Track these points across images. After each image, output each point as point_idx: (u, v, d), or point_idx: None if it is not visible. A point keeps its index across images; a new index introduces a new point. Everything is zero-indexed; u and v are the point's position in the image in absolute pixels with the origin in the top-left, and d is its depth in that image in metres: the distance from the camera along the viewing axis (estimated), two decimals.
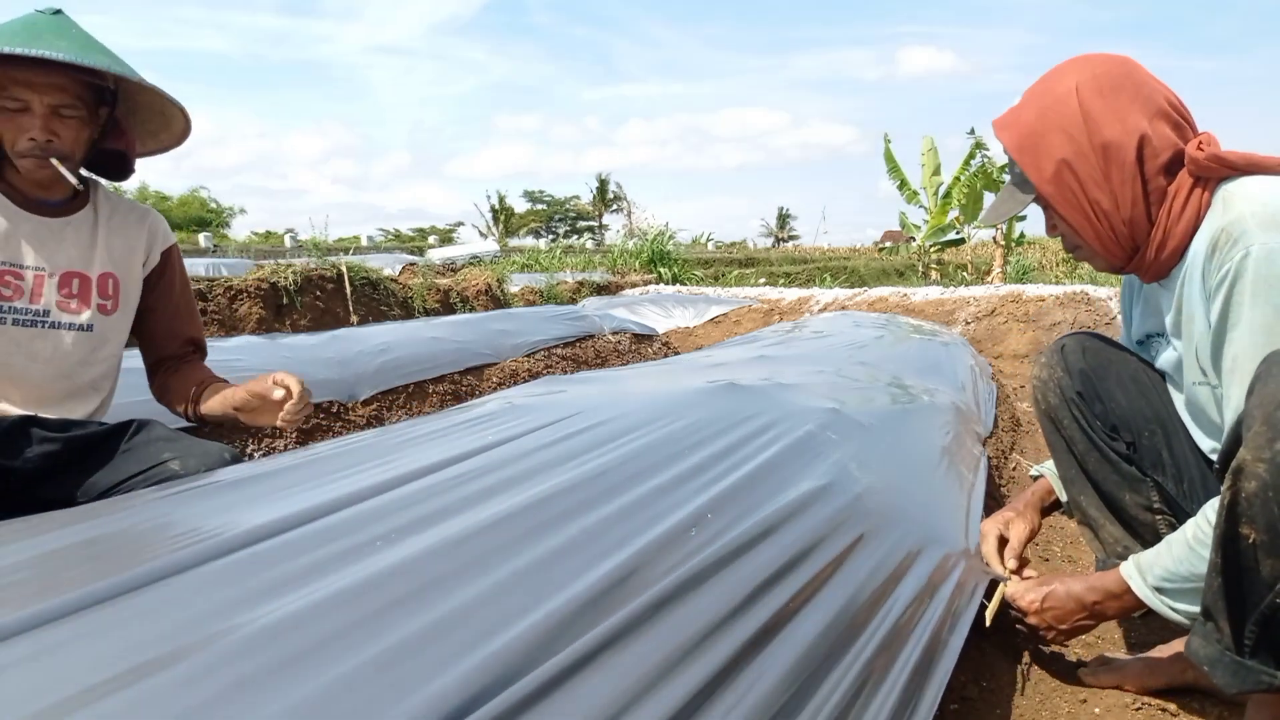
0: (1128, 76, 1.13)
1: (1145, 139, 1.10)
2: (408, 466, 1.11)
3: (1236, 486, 0.87)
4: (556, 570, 0.84)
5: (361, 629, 0.69)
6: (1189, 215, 1.10)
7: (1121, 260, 1.19)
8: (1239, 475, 0.87)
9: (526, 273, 8.48)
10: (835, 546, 1.08)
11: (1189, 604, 1.05)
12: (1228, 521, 0.89)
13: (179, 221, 33.27)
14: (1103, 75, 1.13)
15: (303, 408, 1.46)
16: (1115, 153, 1.11)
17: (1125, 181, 1.12)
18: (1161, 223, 1.12)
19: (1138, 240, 1.15)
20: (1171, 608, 1.07)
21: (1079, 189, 1.15)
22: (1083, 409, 1.32)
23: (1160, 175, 1.11)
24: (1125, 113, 1.11)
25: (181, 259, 1.71)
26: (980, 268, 14.82)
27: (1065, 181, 1.15)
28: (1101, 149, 1.11)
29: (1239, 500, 0.87)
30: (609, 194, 45.88)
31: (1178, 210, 1.10)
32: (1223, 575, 0.91)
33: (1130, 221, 1.14)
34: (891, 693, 0.89)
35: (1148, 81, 1.14)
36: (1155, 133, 1.10)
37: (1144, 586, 1.10)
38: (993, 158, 12.63)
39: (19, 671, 0.62)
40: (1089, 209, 1.15)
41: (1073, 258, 1.28)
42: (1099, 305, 4.86)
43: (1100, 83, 1.13)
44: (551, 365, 4.05)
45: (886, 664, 0.94)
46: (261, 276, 4.51)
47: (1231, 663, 0.93)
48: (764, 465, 1.24)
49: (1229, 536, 0.89)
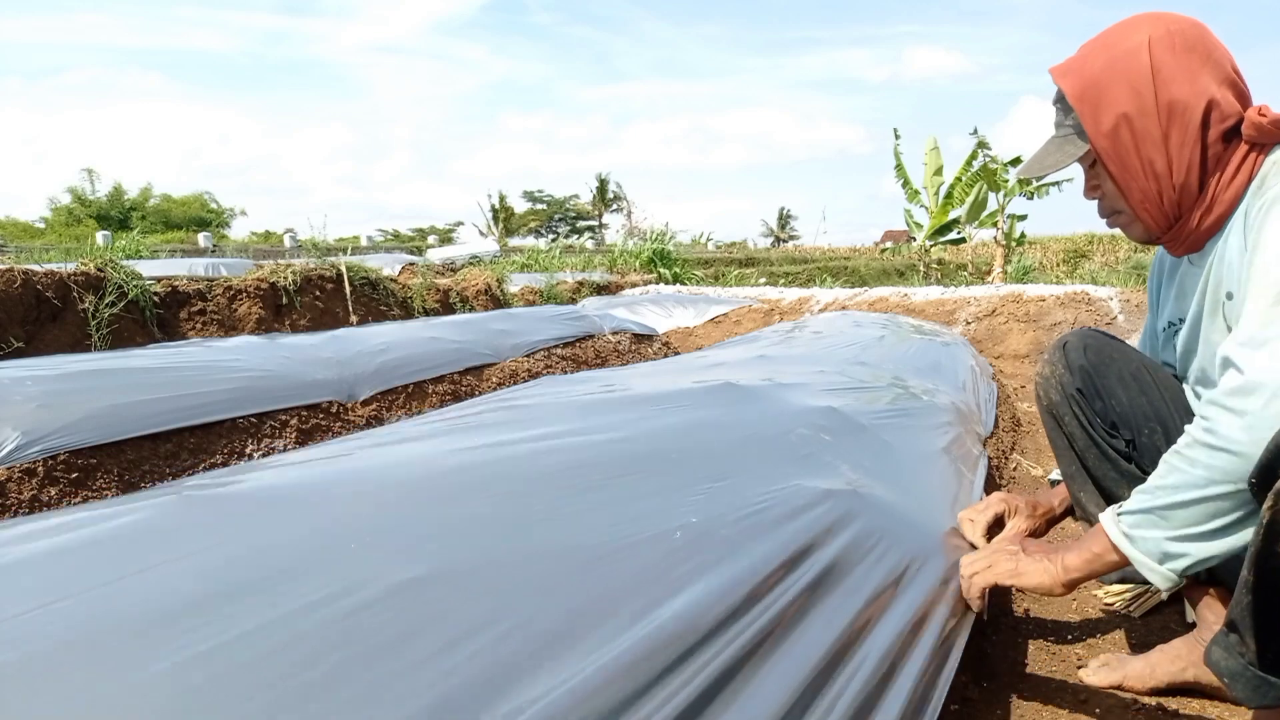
0: (1201, 39, 1.11)
1: (1214, 103, 1.08)
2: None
3: (1277, 507, 0.85)
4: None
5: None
6: (1239, 182, 1.09)
7: (1161, 228, 1.17)
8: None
9: (526, 273, 8.47)
10: (832, 548, 1.07)
11: (1144, 529, 0.98)
12: (1265, 540, 0.87)
13: (180, 221, 33.28)
14: (1177, 33, 1.11)
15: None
16: (1180, 114, 1.10)
17: (1185, 144, 1.10)
18: (1210, 189, 1.11)
19: (1184, 207, 1.14)
20: (1126, 534, 0.99)
21: (1134, 147, 1.13)
22: (1083, 406, 1.32)
23: (1220, 142, 1.10)
24: (1197, 74, 1.09)
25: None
26: (981, 268, 14.82)
27: (1122, 137, 1.13)
28: (1167, 108, 1.10)
29: (1278, 520, 0.85)
30: (609, 194, 45.88)
31: (1228, 178, 1.09)
32: (1254, 592, 0.90)
33: (1182, 187, 1.12)
34: (897, 700, 0.89)
35: (1218, 46, 1.12)
36: (1223, 98, 1.09)
37: (1110, 513, 1.04)
38: (995, 156, 12.61)
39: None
40: (1141, 169, 1.14)
41: (1108, 224, 1.25)
42: (1099, 305, 4.86)
43: (1174, 40, 1.10)
44: (551, 365, 4.05)
45: (890, 669, 0.93)
46: (261, 276, 4.50)
47: (1255, 677, 0.92)
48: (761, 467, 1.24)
49: (1265, 554, 0.87)
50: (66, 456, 2.04)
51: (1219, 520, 0.92)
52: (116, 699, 0.62)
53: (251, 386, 2.61)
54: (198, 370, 2.56)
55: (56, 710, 0.61)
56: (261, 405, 2.58)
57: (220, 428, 2.44)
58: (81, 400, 2.18)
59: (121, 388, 2.31)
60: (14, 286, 3.33)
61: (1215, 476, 0.91)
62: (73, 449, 2.05)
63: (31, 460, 1.97)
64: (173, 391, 2.39)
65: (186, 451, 2.32)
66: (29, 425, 2.01)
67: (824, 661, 0.87)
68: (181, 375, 2.49)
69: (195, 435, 2.37)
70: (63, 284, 3.53)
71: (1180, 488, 0.94)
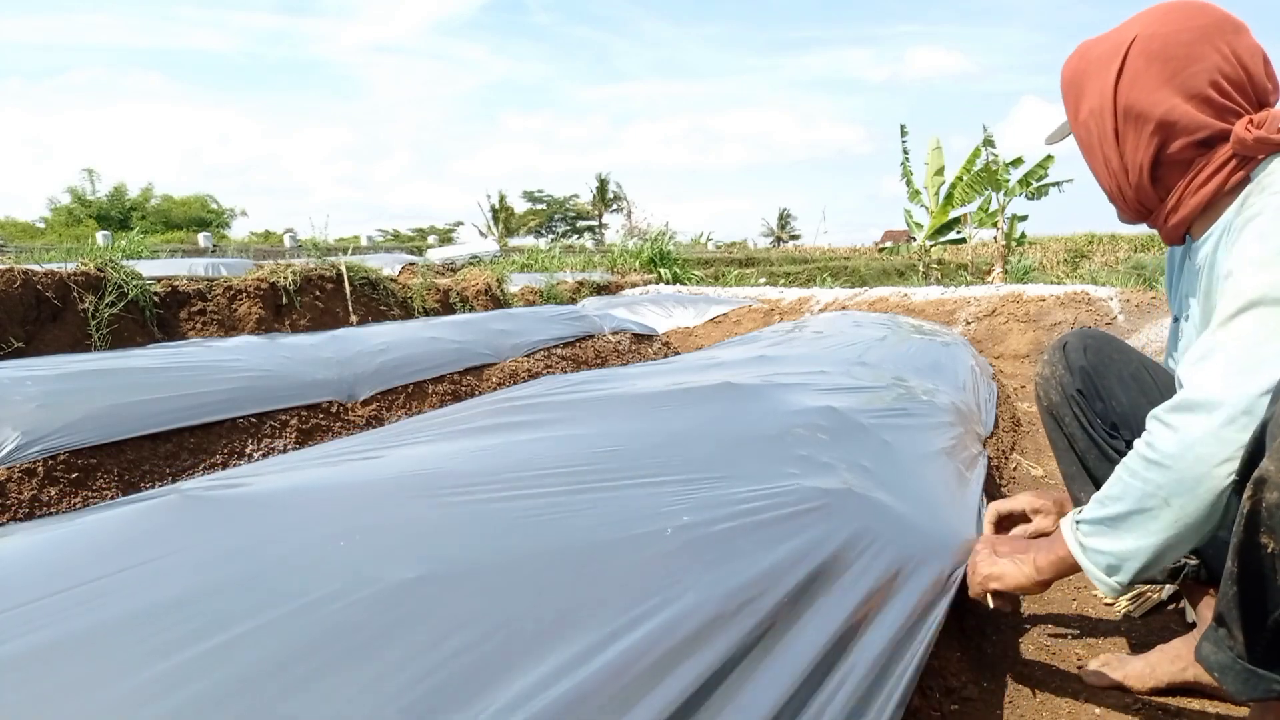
0: (1186, 46, 1.09)
1: (1169, 118, 1.08)
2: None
3: (1258, 497, 0.85)
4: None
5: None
6: (1209, 188, 1.09)
7: (1134, 217, 1.21)
8: (1261, 486, 0.86)
9: (526, 273, 8.47)
10: (827, 548, 1.07)
11: (1095, 538, 1.01)
12: (1246, 530, 0.88)
13: (180, 221, 33.28)
14: (1160, 37, 1.10)
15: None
16: (1134, 120, 1.11)
17: (1138, 149, 1.12)
18: (1178, 191, 1.12)
19: (1145, 204, 1.17)
20: (1080, 543, 1.03)
21: (1098, 141, 1.16)
22: (1083, 406, 1.32)
23: (1189, 149, 1.09)
24: (1158, 85, 1.09)
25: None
26: (981, 268, 14.81)
27: (1091, 130, 1.17)
28: (1123, 111, 1.12)
29: (1259, 510, 0.86)
30: (609, 194, 45.87)
31: (1199, 182, 1.10)
32: (1238, 583, 0.90)
33: (1136, 186, 1.15)
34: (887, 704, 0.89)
35: (1206, 56, 1.08)
36: (1184, 115, 1.08)
37: (1069, 519, 1.07)
38: (997, 156, 12.60)
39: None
40: (1104, 163, 1.17)
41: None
42: (1099, 305, 4.86)
43: (1153, 44, 1.10)
44: (551, 365, 4.05)
45: (883, 670, 0.93)
46: (261, 276, 4.50)
47: (1244, 670, 0.93)
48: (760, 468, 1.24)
49: (1247, 545, 0.88)
50: (66, 456, 2.04)
51: (1159, 534, 0.94)
52: (113, 696, 0.62)
53: (251, 386, 2.61)
54: (198, 370, 2.56)
55: (54, 707, 0.61)
56: (261, 405, 2.58)
57: (220, 428, 2.44)
58: (81, 400, 2.18)
59: (121, 388, 2.31)
60: (14, 286, 3.33)
61: (1150, 490, 0.94)
62: (73, 449, 2.05)
63: (31, 460, 1.97)
64: (173, 391, 2.39)
65: (186, 451, 2.32)
66: (29, 425, 2.01)
67: (816, 663, 0.86)
68: (181, 375, 2.50)
69: (195, 435, 2.37)
70: (63, 284, 3.53)
71: (1122, 498, 0.97)
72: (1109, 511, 0.99)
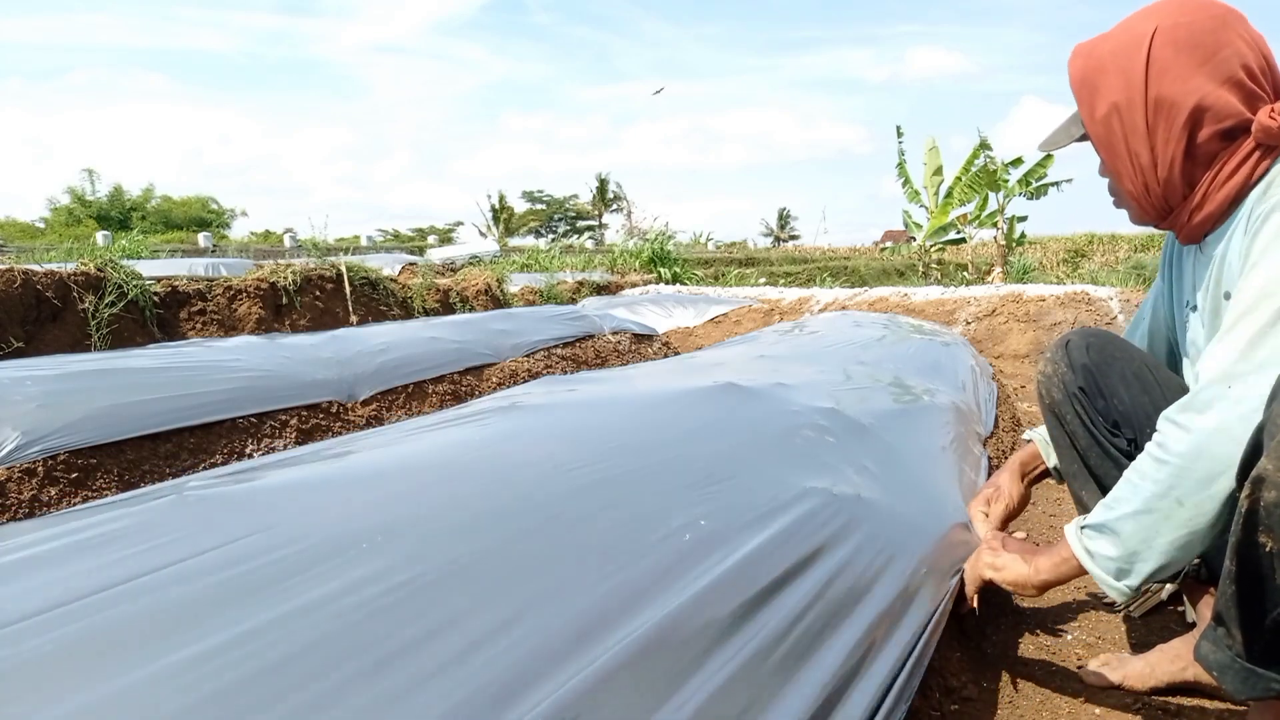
0: (1212, 33, 1.08)
1: (1204, 104, 1.07)
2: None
3: (1256, 495, 0.85)
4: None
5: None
6: (1236, 181, 1.08)
7: (1153, 217, 1.18)
8: (1259, 485, 0.85)
9: (526, 273, 8.47)
10: (841, 553, 1.07)
11: (1102, 546, 1.02)
12: (1245, 529, 0.87)
13: (180, 222, 33.26)
14: (1185, 25, 1.09)
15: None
16: (1167, 111, 1.08)
17: (1170, 141, 1.09)
18: (1204, 185, 1.10)
19: (1171, 201, 1.14)
20: (1087, 549, 1.04)
21: (1122, 137, 1.13)
22: (1085, 405, 1.32)
23: (1214, 140, 1.08)
24: (1193, 72, 1.07)
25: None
26: (981, 268, 14.79)
27: (1112, 126, 1.13)
28: (1154, 103, 1.09)
29: (1258, 509, 0.86)
30: (609, 194, 45.86)
31: (1224, 175, 1.08)
32: (1236, 582, 0.90)
33: (1166, 181, 1.12)
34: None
35: (1232, 42, 1.07)
36: (1217, 99, 1.06)
37: (1074, 525, 1.08)
38: (995, 156, 12.60)
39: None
40: (1129, 159, 1.14)
41: (1113, 204, 1.26)
42: (1099, 305, 4.86)
43: (1179, 33, 1.09)
44: (551, 365, 4.04)
45: (898, 673, 0.93)
46: (261, 276, 4.50)
47: (1242, 669, 0.93)
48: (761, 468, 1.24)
49: (1245, 544, 0.88)
50: (66, 456, 2.04)
51: (1171, 536, 0.94)
52: (117, 697, 0.62)
53: (251, 386, 2.61)
54: (197, 370, 2.56)
55: (56, 707, 0.61)
56: (261, 405, 2.58)
57: (220, 428, 2.43)
58: (81, 400, 2.18)
59: (121, 388, 2.31)
60: (14, 286, 3.33)
61: (1161, 491, 0.94)
62: (73, 449, 2.05)
63: (31, 460, 1.97)
64: (172, 391, 2.39)
65: (186, 451, 2.32)
66: (29, 425, 2.01)
67: (838, 668, 0.86)
68: (181, 375, 2.49)
69: (195, 435, 2.37)
70: (63, 284, 3.53)
71: (1131, 501, 0.97)
72: (1117, 514, 0.99)
